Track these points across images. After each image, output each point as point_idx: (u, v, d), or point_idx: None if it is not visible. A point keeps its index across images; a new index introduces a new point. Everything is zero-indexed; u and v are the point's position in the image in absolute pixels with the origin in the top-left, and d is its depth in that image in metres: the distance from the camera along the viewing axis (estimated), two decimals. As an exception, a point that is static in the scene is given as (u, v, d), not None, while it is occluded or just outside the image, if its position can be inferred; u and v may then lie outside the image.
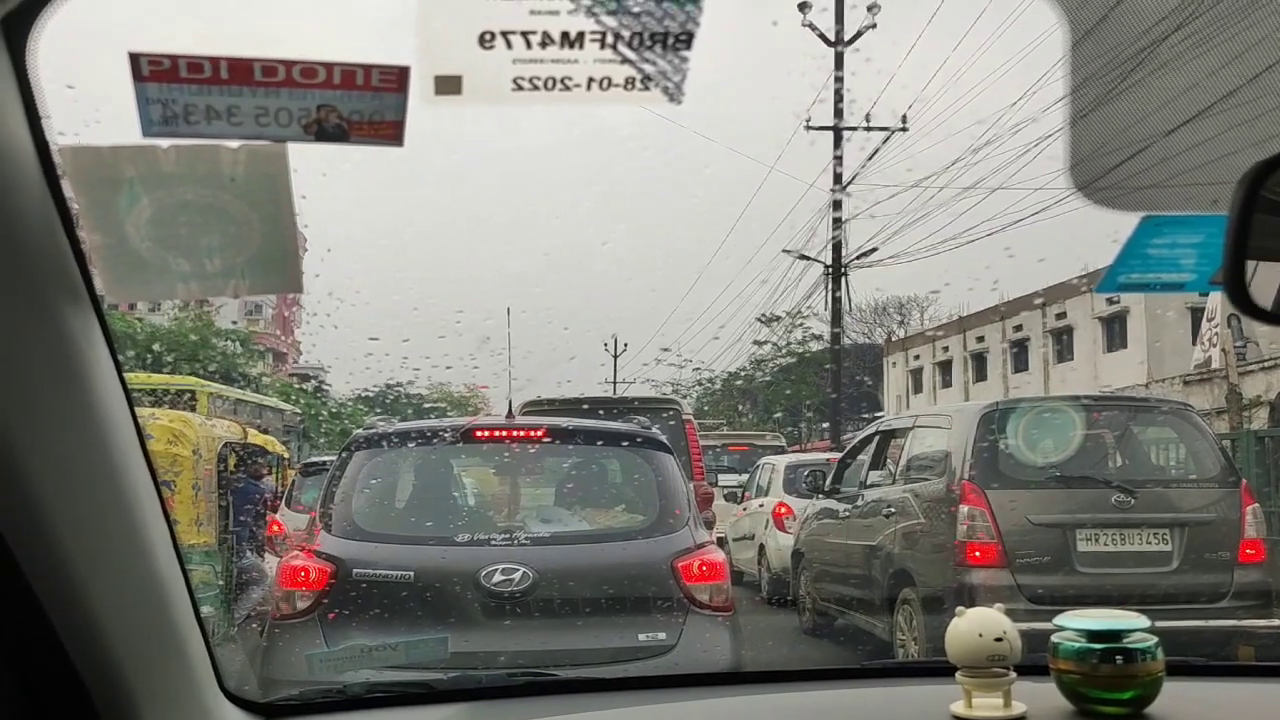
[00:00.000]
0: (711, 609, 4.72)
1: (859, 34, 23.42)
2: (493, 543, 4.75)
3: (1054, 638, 1.32)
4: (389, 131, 1.17)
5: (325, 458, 11.34)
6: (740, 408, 42.73)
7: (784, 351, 41.32)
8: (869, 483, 9.07)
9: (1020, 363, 34.46)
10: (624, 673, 1.56)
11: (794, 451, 20.54)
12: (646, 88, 1.09)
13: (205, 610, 5.94)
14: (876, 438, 9.43)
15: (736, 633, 4.86)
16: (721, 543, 13.29)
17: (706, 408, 43.39)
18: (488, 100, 1.10)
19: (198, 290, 1.29)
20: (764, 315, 39.17)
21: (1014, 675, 1.33)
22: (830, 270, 24.13)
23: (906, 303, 50.44)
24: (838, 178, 23.12)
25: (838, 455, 11.51)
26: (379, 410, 26.87)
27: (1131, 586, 6.92)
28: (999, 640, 1.31)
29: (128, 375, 1.29)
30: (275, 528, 10.20)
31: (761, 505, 13.70)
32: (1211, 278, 0.88)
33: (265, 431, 16.03)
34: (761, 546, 13.19)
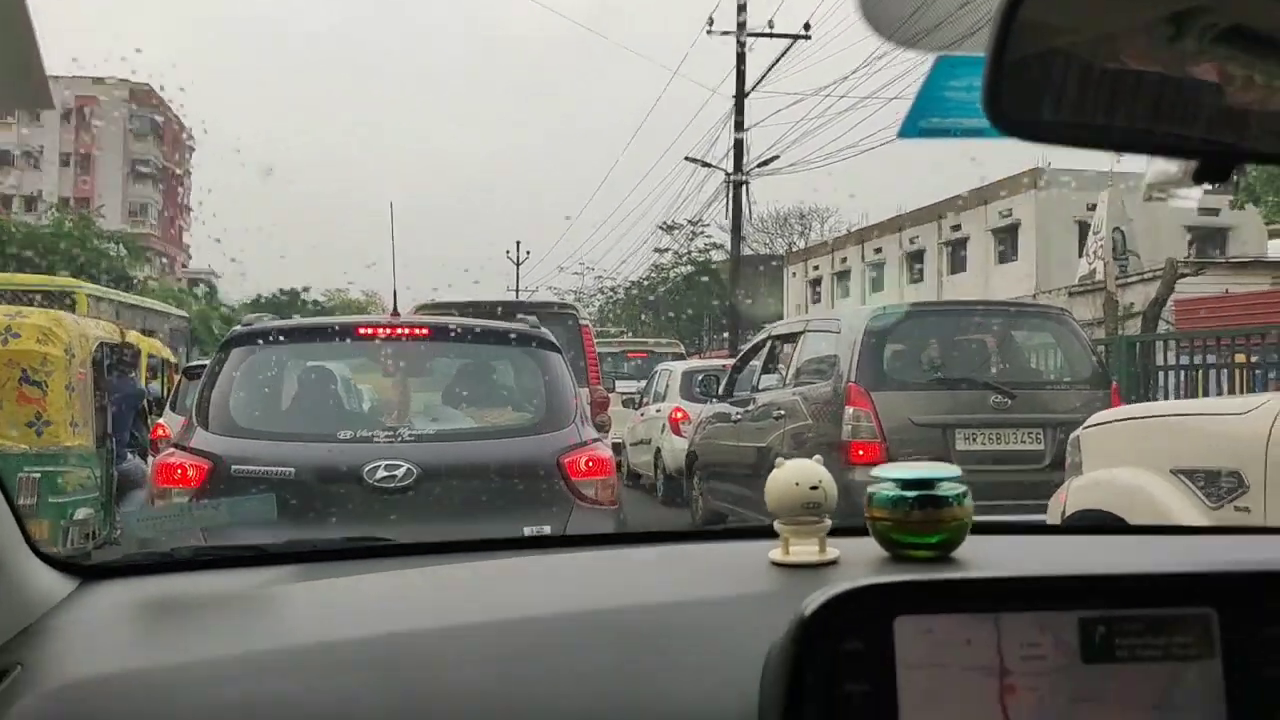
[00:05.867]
0: (597, 503, 4.77)
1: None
2: (376, 439, 4.69)
3: (870, 488, 1.36)
4: None
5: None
6: (642, 316, 42.88)
7: (685, 260, 41.49)
8: (760, 386, 9.20)
9: (916, 273, 35.20)
10: (459, 537, 1.54)
11: (693, 358, 20.74)
12: None
13: (83, 513, 5.71)
14: (769, 343, 9.55)
15: (621, 525, 4.93)
16: (619, 448, 13.44)
17: (609, 316, 43.49)
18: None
19: None
20: (665, 223, 39.22)
21: (829, 522, 1.37)
22: (731, 177, 24.14)
23: (807, 213, 51.05)
24: (740, 82, 22.98)
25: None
26: (274, 315, 26.13)
27: (1006, 484, 7.20)
28: (814, 488, 1.35)
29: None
30: (160, 431, 9.95)
31: (658, 410, 13.84)
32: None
33: (151, 335, 15.53)
34: (658, 450, 13.37)
